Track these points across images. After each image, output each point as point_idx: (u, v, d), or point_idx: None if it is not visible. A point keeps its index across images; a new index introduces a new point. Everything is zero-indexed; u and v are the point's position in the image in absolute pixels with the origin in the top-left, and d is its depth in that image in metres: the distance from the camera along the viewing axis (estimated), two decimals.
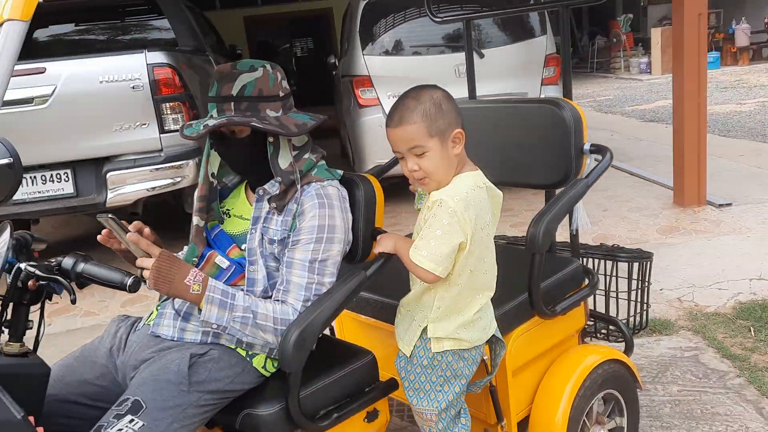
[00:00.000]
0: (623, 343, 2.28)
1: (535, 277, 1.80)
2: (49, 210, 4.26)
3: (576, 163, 2.06)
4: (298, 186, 1.60)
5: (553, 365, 2.01)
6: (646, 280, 2.44)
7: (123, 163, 4.17)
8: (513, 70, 5.31)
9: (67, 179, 4.16)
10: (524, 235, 2.90)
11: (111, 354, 1.62)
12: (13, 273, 1.30)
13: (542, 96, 5.30)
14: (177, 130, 4.19)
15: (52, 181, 4.18)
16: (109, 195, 4.14)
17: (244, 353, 1.56)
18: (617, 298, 2.52)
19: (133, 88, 4.07)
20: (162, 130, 4.16)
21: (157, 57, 4.10)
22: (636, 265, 2.42)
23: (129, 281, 1.27)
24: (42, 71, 3.86)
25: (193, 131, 1.58)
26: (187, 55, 4.76)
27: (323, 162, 1.72)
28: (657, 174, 5.94)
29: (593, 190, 2.22)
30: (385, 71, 5.32)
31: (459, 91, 2.66)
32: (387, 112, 4.95)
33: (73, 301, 1.26)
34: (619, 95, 13.39)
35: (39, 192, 4.15)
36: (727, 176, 5.77)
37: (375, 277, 1.66)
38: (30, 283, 1.34)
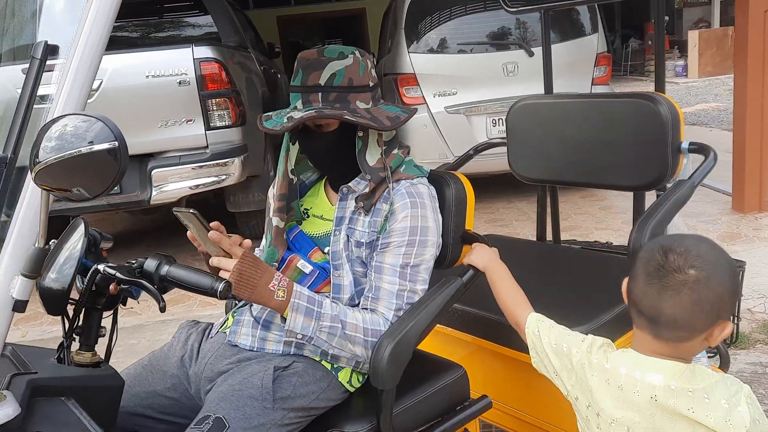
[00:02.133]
0: (717, 357, 2.11)
1: None
2: (90, 207, 4.17)
3: (673, 163, 1.90)
4: (389, 184, 1.46)
5: None
6: (739, 290, 2.26)
7: (168, 159, 4.07)
8: (563, 69, 5.08)
9: None
10: (594, 240, 2.74)
11: (182, 363, 1.49)
12: (89, 275, 1.18)
13: None
14: (222, 127, 4.09)
15: None
16: (153, 192, 4.05)
17: (329, 366, 1.42)
18: None
19: (180, 83, 3.97)
20: (208, 127, 4.05)
21: (204, 52, 4.00)
22: None
23: (220, 286, 1.14)
24: None
25: (275, 123, 1.44)
26: (232, 50, 4.66)
27: (411, 158, 1.58)
28: (710, 179, 5.71)
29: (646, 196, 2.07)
30: (430, 69, 5.17)
31: (508, 90, 2.56)
32: (432, 111, 4.80)
33: (163, 309, 1.13)
34: None
35: None
36: None
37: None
38: (111, 287, 1.21)
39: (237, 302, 1.59)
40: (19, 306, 0.90)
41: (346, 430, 1.37)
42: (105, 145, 0.81)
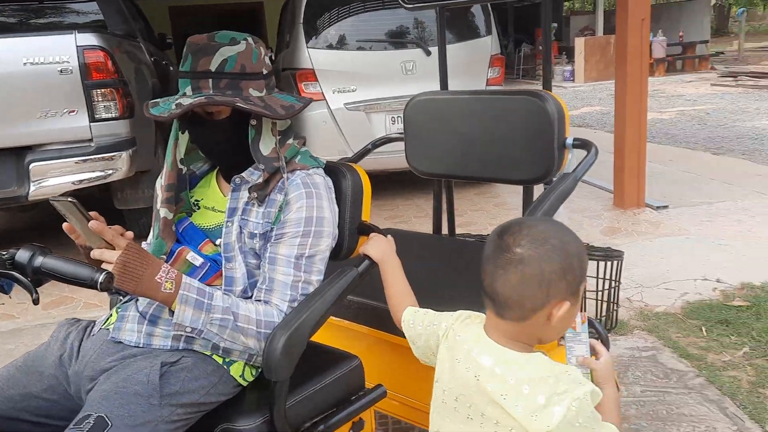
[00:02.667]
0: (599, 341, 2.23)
1: None
2: None
3: (558, 157, 1.99)
4: (284, 174, 1.44)
5: None
6: (617, 279, 2.40)
7: (48, 153, 3.82)
8: (458, 68, 5.21)
9: None
10: (487, 234, 2.82)
11: (61, 363, 1.39)
12: None
13: None
14: (109, 119, 3.88)
15: None
16: (32, 187, 3.78)
17: (220, 360, 1.38)
18: (585, 297, 2.48)
19: (61, 71, 3.73)
20: (92, 119, 3.83)
21: (88, 39, 3.78)
22: (608, 264, 2.38)
23: (101, 277, 1.07)
24: None
25: (162, 110, 1.38)
26: (119, 39, 4.44)
27: (306, 148, 1.56)
28: (592, 177, 6.05)
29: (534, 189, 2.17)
30: (330, 65, 5.15)
31: (406, 88, 2.60)
32: (331, 107, 4.80)
33: (36, 301, 1.05)
34: None
35: None
36: (660, 180, 5.94)
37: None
38: None
39: (122, 298, 1.51)
40: None
41: (238, 425, 1.33)
42: None
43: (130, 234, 1.27)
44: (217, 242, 1.46)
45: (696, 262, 3.98)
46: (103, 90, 3.82)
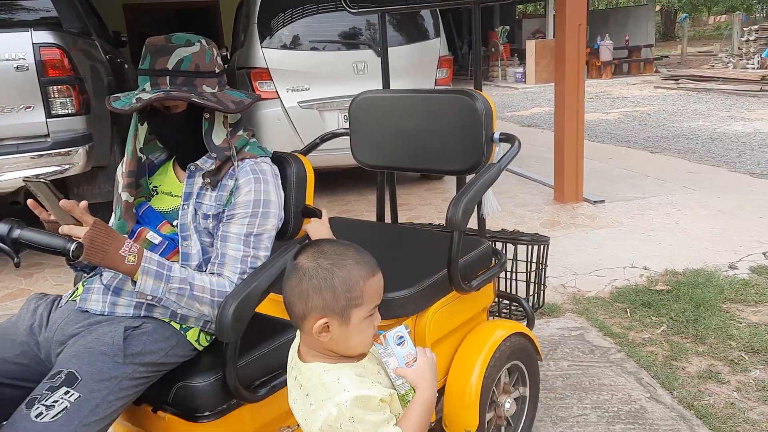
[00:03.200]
0: (525, 320, 2.46)
1: (455, 255, 1.91)
2: None
3: (486, 150, 2.20)
4: (234, 162, 1.62)
5: (466, 339, 2.14)
6: (544, 262, 2.64)
7: (4, 148, 3.88)
8: (408, 69, 5.48)
9: None
10: (428, 223, 3.03)
11: (32, 331, 1.55)
12: None
13: None
14: (65, 115, 3.97)
15: None
16: None
17: (178, 326, 1.55)
18: (516, 279, 2.71)
19: (17, 68, 3.81)
20: (49, 115, 3.92)
21: (45, 36, 3.86)
22: (535, 248, 2.62)
23: (72, 246, 1.23)
24: None
25: (123, 104, 1.54)
26: (75, 37, 4.51)
27: (255, 139, 1.74)
28: (537, 173, 6.35)
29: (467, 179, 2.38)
30: (283, 64, 5.32)
31: (358, 87, 2.77)
32: (285, 105, 4.97)
33: (17, 265, 1.20)
34: (498, 102, 14.08)
35: None
36: (599, 176, 6.28)
37: None
38: None
39: (86, 275, 1.66)
40: None
41: (194, 382, 1.50)
42: None
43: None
44: (174, 223, 1.62)
45: (626, 251, 4.28)
46: (59, 87, 3.90)
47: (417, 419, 1.23)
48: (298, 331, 1.30)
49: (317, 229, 1.73)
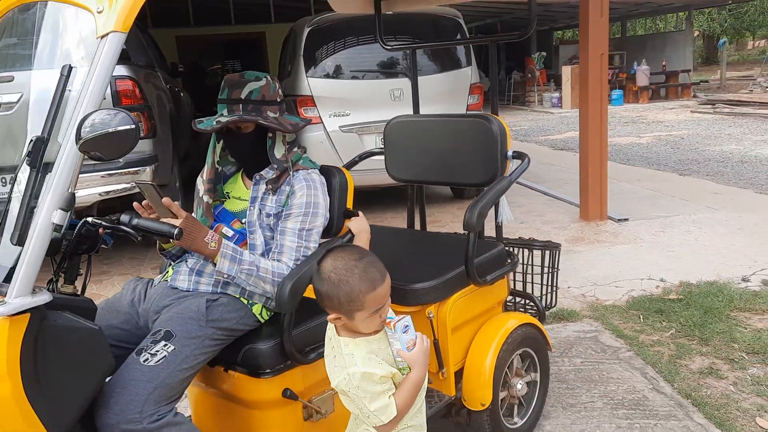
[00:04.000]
0: (537, 316, 2.80)
1: (471, 252, 2.29)
2: None
3: (501, 166, 2.57)
4: (291, 172, 2.03)
5: (483, 327, 2.49)
6: (555, 266, 2.98)
7: (81, 167, 4.40)
8: (441, 96, 5.89)
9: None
10: (454, 232, 3.40)
11: (133, 304, 1.97)
12: (78, 226, 1.66)
13: None
14: None
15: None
16: None
17: (246, 302, 1.95)
18: (533, 282, 3.05)
19: None
20: None
21: (119, 70, 4.40)
22: (547, 253, 2.96)
23: (176, 231, 1.65)
24: (11, 79, 4.08)
25: (206, 126, 1.98)
26: (142, 69, 5.06)
27: (307, 155, 2.16)
28: (566, 194, 6.66)
29: (511, 206, 2.74)
30: (326, 92, 5.79)
31: (394, 112, 3.16)
32: (328, 129, 5.43)
33: (138, 240, 1.63)
34: (533, 126, 14.40)
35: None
36: (626, 197, 6.55)
37: None
38: (100, 230, 1.70)
39: (172, 263, 2.09)
40: (58, 229, 1.38)
41: (258, 346, 1.90)
42: (127, 127, 1.33)
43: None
44: (243, 221, 2.04)
45: (645, 265, 4.56)
46: (132, 114, 4.41)
47: (406, 393, 1.56)
48: None
49: (359, 223, 2.12)
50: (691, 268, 4.42)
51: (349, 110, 5.77)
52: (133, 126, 1.36)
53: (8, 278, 1.36)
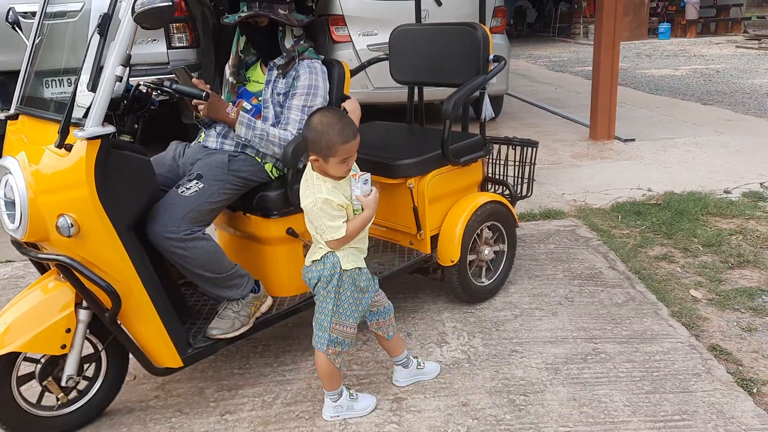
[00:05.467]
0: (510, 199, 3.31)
1: (446, 135, 2.79)
2: None
3: (483, 67, 3.03)
4: (297, 60, 2.55)
5: (458, 202, 3.02)
6: (532, 161, 3.45)
7: (134, 72, 4.98)
8: (465, 17, 6.19)
9: None
10: None
11: (174, 158, 2.56)
12: (132, 89, 2.24)
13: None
14: (182, 47, 5.05)
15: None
16: None
17: (260, 160, 2.52)
18: (515, 176, 3.54)
19: None
20: (169, 46, 5.00)
21: None
22: (527, 149, 3.44)
23: (204, 94, 2.21)
24: None
25: (230, 19, 2.50)
26: None
27: (312, 48, 2.67)
28: (583, 118, 7.01)
29: (528, 126, 3.20)
30: (356, 12, 6.20)
31: None
32: (356, 47, 5.91)
33: (175, 99, 2.20)
34: (573, 57, 14.43)
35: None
36: (641, 121, 6.86)
37: None
38: (149, 90, 2.27)
39: (205, 129, 2.65)
40: (119, 79, 1.94)
41: (268, 193, 2.47)
42: (166, 4, 1.85)
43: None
44: (259, 98, 2.58)
45: (638, 177, 4.97)
46: (177, 25, 4.97)
47: (356, 224, 2.09)
48: None
49: (352, 104, 2.63)
50: (680, 181, 4.80)
51: (377, 30, 6.18)
52: (170, 3, 1.88)
53: (85, 115, 1.93)
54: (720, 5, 17.39)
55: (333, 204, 2.05)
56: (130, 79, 2.25)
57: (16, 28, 2.38)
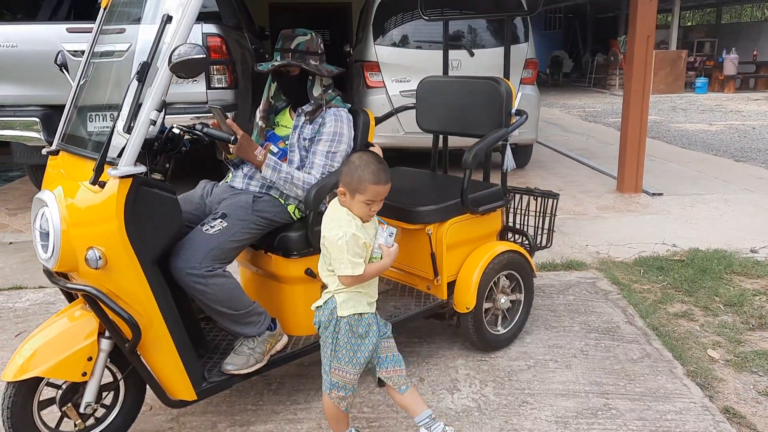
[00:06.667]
0: (529, 249, 3.34)
1: (466, 185, 2.86)
2: None
3: (506, 120, 3.11)
4: (324, 108, 2.67)
5: (476, 250, 3.07)
6: (552, 213, 3.49)
7: (175, 109, 5.21)
8: (497, 68, 6.30)
9: None
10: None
11: (202, 197, 2.67)
12: (166, 131, 2.37)
13: (519, 93, 6.38)
14: (220, 88, 5.26)
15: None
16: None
17: (283, 201, 2.61)
18: (535, 226, 3.58)
19: None
20: (209, 87, 5.21)
21: (210, 28, 5.16)
22: (547, 201, 3.48)
23: (233, 138, 2.33)
24: (123, 31, 4.89)
25: (264, 67, 2.64)
26: (230, 29, 5.81)
27: (339, 97, 2.78)
28: (602, 166, 7.02)
29: (555, 175, 3.27)
30: (391, 59, 6.39)
31: None
32: (389, 93, 6.08)
33: (206, 142, 2.32)
34: (607, 108, 14.46)
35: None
36: (670, 176, 6.84)
37: None
38: (181, 132, 2.40)
39: (233, 169, 2.77)
40: (153, 123, 2.06)
41: (289, 234, 2.56)
42: (200, 56, 1.98)
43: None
44: (287, 142, 2.70)
45: (663, 232, 4.96)
46: (217, 66, 5.18)
47: (373, 268, 2.13)
48: None
49: (375, 151, 2.73)
50: (706, 239, 4.77)
51: (410, 77, 6.34)
52: (204, 56, 2.00)
53: (120, 154, 2.05)
54: (759, 62, 17.31)
55: (359, 241, 2.10)
56: (166, 119, 2.38)
57: (64, 70, 2.54)
